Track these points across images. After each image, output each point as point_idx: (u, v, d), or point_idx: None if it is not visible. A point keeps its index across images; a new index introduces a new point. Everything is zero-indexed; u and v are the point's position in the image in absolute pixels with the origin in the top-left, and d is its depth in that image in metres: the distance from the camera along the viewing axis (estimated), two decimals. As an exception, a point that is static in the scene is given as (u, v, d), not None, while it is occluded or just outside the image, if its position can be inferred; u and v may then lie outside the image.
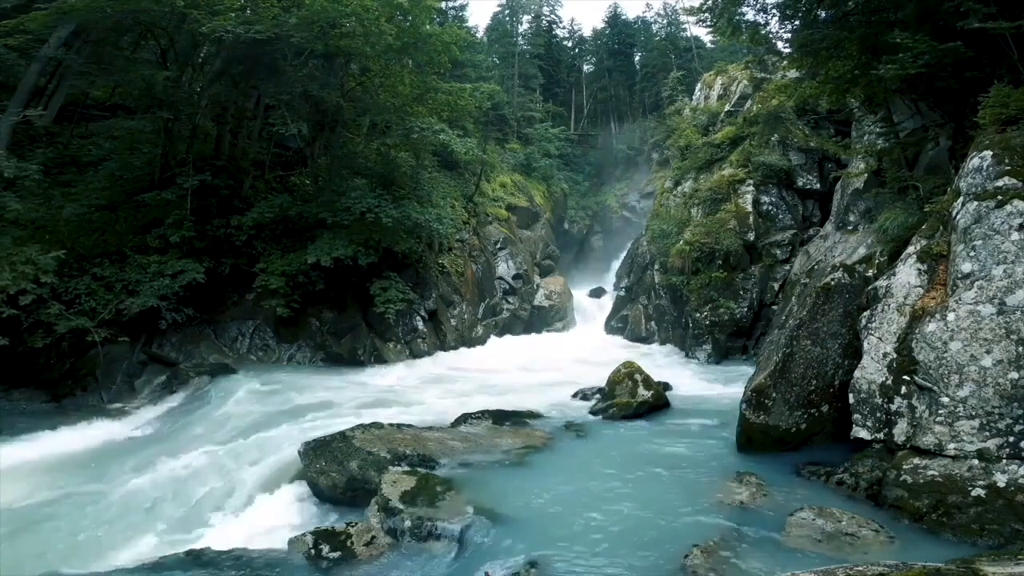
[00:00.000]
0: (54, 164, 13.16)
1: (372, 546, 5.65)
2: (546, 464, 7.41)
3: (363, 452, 7.26)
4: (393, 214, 13.93)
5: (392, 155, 16.87)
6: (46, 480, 7.43)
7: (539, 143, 32.76)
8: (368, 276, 14.66)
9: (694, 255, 16.50)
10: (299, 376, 12.39)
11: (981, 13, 7.37)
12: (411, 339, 15.80)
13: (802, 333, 7.59)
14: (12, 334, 10.06)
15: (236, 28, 12.41)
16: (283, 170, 17.04)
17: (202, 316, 13.17)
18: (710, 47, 41.77)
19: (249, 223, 13.94)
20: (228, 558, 5.58)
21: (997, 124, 6.83)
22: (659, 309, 18.89)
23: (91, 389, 11.46)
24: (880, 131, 11.59)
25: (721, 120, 21.70)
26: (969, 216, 6.20)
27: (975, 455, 5.57)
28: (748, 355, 15.15)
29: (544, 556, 5.06)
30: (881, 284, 6.98)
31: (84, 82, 14.07)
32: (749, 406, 7.50)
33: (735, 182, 17.37)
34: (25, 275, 9.99)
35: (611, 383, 10.45)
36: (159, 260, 12.46)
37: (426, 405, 10.80)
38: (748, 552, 5.07)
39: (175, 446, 8.60)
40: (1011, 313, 5.64)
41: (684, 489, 6.49)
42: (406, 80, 15.96)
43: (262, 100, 15.49)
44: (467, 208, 20.61)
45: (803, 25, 11.05)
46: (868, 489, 6.12)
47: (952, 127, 9.46)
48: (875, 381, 6.47)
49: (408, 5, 14.42)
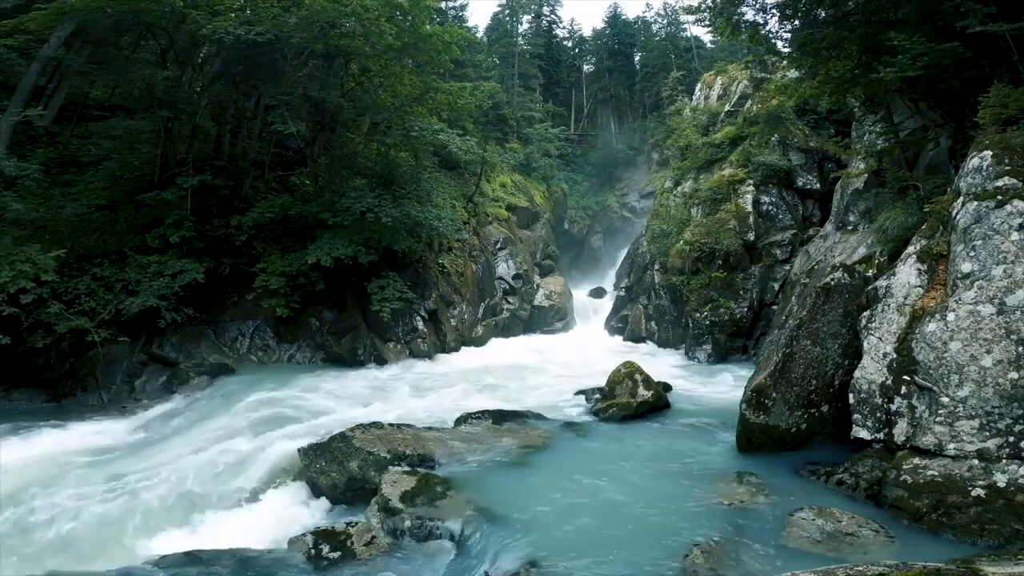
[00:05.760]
0: (54, 164, 13.14)
1: (372, 546, 5.66)
2: (546, 464, 7.41)
3: (363, 452, 7.26)
4: (393, 213, 13.92)
5: (392, 155, 16.86)
6: (46, 480, 7.42)
7: (539, 143, 32.75)
8: (368, 276, 14.66)
9: (694, 255, 16.50)
10: (299, 376, 12.38)
11: (981, 13, 7.37)
12: (411, 339, 15.79)
13: (802, 333, 7.59)
14: (12, 334, 10.06)
15: (236, 29, 12.41)
16: (283, 170, 17.04)
17: (202, 316, 13.16)
18: (710, 47, 41.81)
19: (249, 223, 13.94)
20: (228, 558, 5.58)
21: (997, 124, 6.83)
22: (659, 309, 18.88)
23: (91, 389, 11.46)
24: (880, 131, 11.60)
25: (721, 120, 21.71)
26: (969, 216, 6.20)
27: (975, 455, 5.58)
28: (748, 355, 15.16)
29: (544, 556, 5.06)
30: (881, 284, 6.98)
31: (84, 82, 14.06)
32: (749, 406, 7.50)
33: (735, 182, 17.37)
34: (25, 274, 9.98)
35: (611, 383, 10.45)
36: (159, 260, 12.45)
37: (426, 405, 10.80)
38: (748, 552, 5.07)
39: (175, 446, 8.60)
40: (1011, 313, 5.64)
41: (684, 489, 6.49)
42: (406, 80, 15.96)
43: (262, 100, 15.47)
44: (467, 208, 20.60)
45: (803, 25, 11.06)
46: (868, 489, 6.12)
47: (952, 127, 9.46)
48: (875, 381, 6.47)
49: (408, 5, 14.41)
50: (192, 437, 9.02)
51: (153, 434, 9.60)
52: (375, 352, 14.51)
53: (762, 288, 15.92)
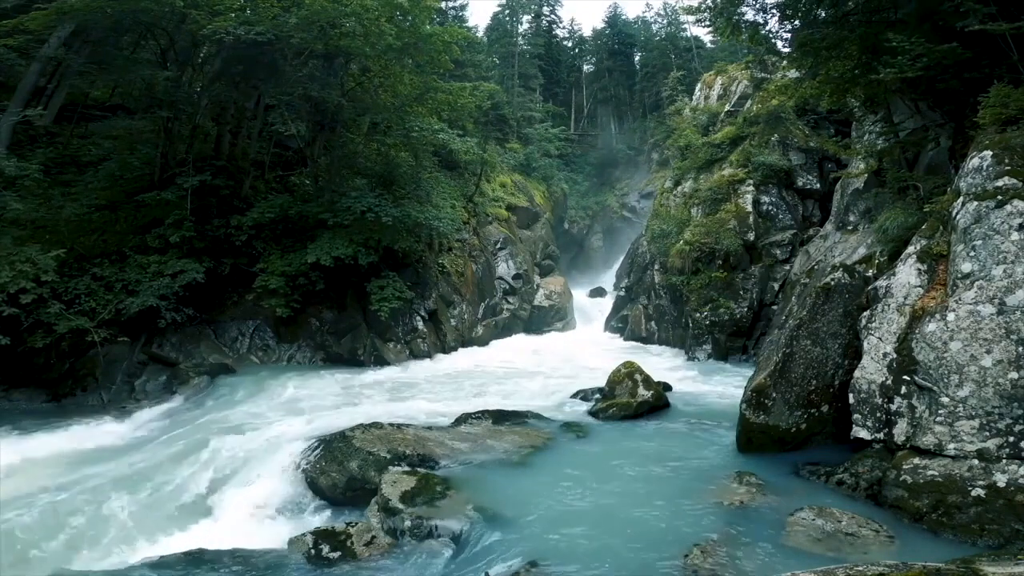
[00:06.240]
0: (54, 164, 13.14)
1: (372, 546, 5.65)
2: (546, 464, 7.41)
3: (363, 452, 7.26)
4: (393, 213, 13.92)
5: (392, 155, 16.87)
6: (46, 480, 7.42)
7: (539, 143, 32.78)
8: (368, 276, 14.66)
9: (694, 255, 16.50)
10: (299, 376, 12.39)
11: (981, 13, 7.37)
12: (411, 339, 15.79)
13: (802, 333, 7.59)
14: (12, 334, 10.06)
15: (236, 29, 12.41)
16: (283, 170, 17.04)
17: (202, 316, 13.17)
18: (710, 47, 41.82)
19: (249, 223, 13.94)
20: (228, 558, 5.58)
21: (997, 124, 6.83)
22: (659, 309, 18.88)
23: (91, 389, 11.46)
24: (880, 131, 11.58)
25: (721, 120, 21.70)
26: (969, 216, 6.20)
27: (975, 455, 5.57)
28: (748, 355, 15.15)
29: (544, 556, 5.05)
30: (881, 284, 6.98)
31: (84, 82, 14.06)
32: (749, 406, 7.49)
33: (735, 182, 17.36)
34: (25, 274, 9.99)
35: (611, 383, 10.44)
36: (159, 260, 12.45)
37: (426, 405, 10.79)
38: (748, 552, 5.07)
39: (174, 446, 8.59)
40: (1011, 313, 5.64)
41: (684, 489, 6.49)
42: (406, 80, 15.96)
43: (262, 100, 15.47)
44: (467, 208, 20.60)
45: (803, 25, 11.05)
46: (868, 489, 6.12)
47: (952, 127, 9.46)
48: (875, 381, 6.47)
49: (408, 5, 14.41)
50: (192, 437, 9.01)
51: (153, 434, 9.60)
52: (375, 352, 14.52)
53: (762, 288, 15.92)
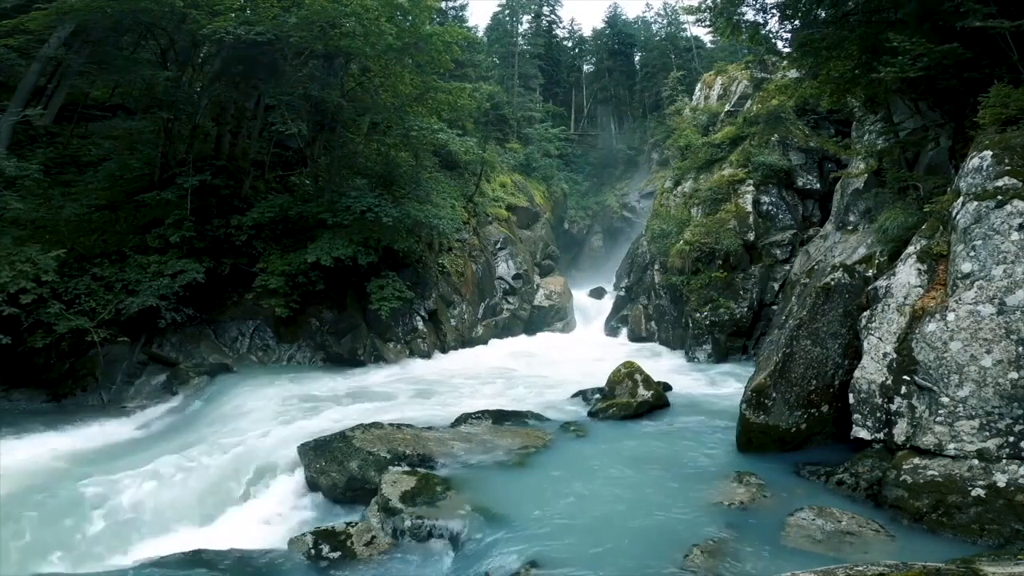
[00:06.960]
0: (54, 164, 13.12)
1: (372, 546, 5.66)
2: (546, 464, 7.41)
3: (363, 452, 7.26)
4: (393, 213, 13.91)
5: (392, 155, 16.85)
6: (46, 479, 7.42)
7: (539, 143, 32.77)
8: (368, 276, 14.65)
9: (694, 255, 16.50)
10: (299, 376, 12.39)
11: (981, 13, 7.37)
12: (411, 339, 15.79)
13: (802, 333, 7.59)
14: (12, 334, 10.06)
15: (236, 29, 12.40)
16: (283, 170, 17.03)
17: (202, 316, 13.16)
18: (710, 47, 41.82)
19: (249, 223, 13.93)
20: (228, 558, 5.58)
21: (997, 124, 6.83)
22: (659, 309, 18.88)
23: (91, 389, 11.46)
24: (880, 131, 11.59)
25: (721, 120, 21.71)
26: (969, 216, 6.20)
27: (975, 455, 5.58)
28: (748, 355, 15.16)
29: (544, 556, 5.06)
30: (881, 284, 6.98)
31: (84, 82, 14.05)
32: (749, 406, 7.50)
33: (735, 182, 17.36)
34: (25, 274, 9.98)
35: (611, 383, 10.44)
36: (159, 260, 12.44)
37: (426, 405, 10.79)
38: (748, 552, 5.07)
39: (174, 446, 8.58)
40: (1011, 313, 5.64)
41: (684, 489, 6.49)
42: (406, 80, 15.94)
43: (262, 100, 15.47)
44: (467, 208, 20.59)
45: (803, 25, 11.05)
46: (868, 489, 6.12)
47: (952, 127, 9.46)
48: (875, 381, 6.47)
49: (408, 5, 14.40)
50: (191, 437, 9.02)
51: (153, 434, 9.61)
52: (375, 352, 14.51)
53: (762, 288, 15.92)
